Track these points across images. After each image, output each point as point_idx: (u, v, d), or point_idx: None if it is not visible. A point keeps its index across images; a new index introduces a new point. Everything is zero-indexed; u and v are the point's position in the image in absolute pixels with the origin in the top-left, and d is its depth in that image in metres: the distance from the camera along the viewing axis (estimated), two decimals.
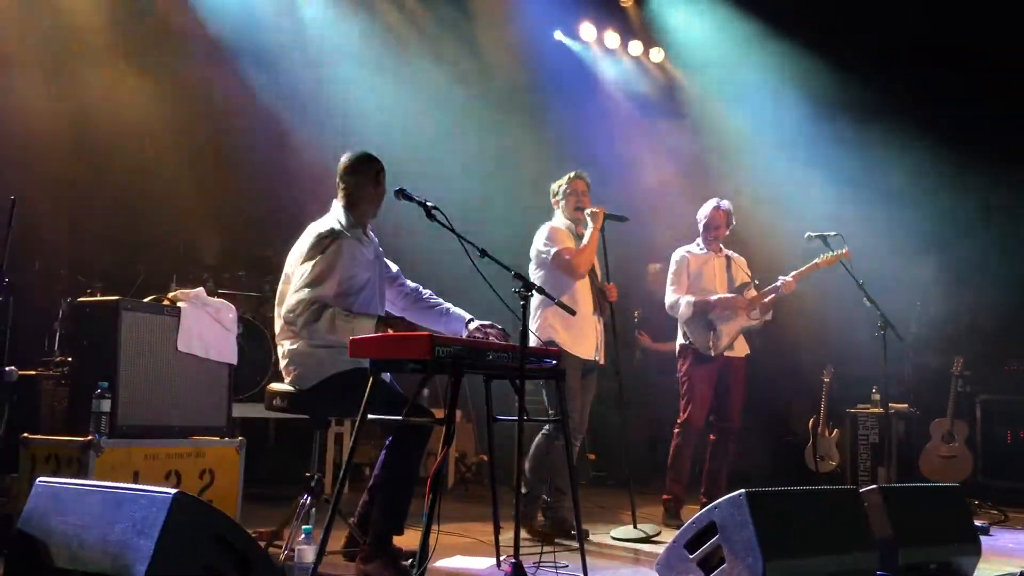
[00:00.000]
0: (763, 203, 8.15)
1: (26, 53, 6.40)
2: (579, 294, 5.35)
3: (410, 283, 4.50)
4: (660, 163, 9.06)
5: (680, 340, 6.12)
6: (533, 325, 5.19)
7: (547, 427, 5.28)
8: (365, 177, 4.23)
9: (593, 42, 9.17)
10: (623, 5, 9.18)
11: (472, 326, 4.22)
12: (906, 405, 7.59)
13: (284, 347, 4.08)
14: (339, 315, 3.88)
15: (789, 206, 7.92)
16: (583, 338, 5.33)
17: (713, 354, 5.96)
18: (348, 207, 4.21)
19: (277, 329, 4.14)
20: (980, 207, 7.84)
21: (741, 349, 6.12)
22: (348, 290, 4.04)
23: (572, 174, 5.59)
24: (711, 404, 6.05)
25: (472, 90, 8.37)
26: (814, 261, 6.04)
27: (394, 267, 4.48)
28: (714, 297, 6.04)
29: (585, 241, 5.40)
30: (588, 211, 5.44)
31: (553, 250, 5.38)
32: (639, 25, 9.24)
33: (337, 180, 4.28)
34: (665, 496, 6.02)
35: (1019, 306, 7.83)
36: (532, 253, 5.50)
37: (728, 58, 8.68)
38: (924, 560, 3.94)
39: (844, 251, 5.92)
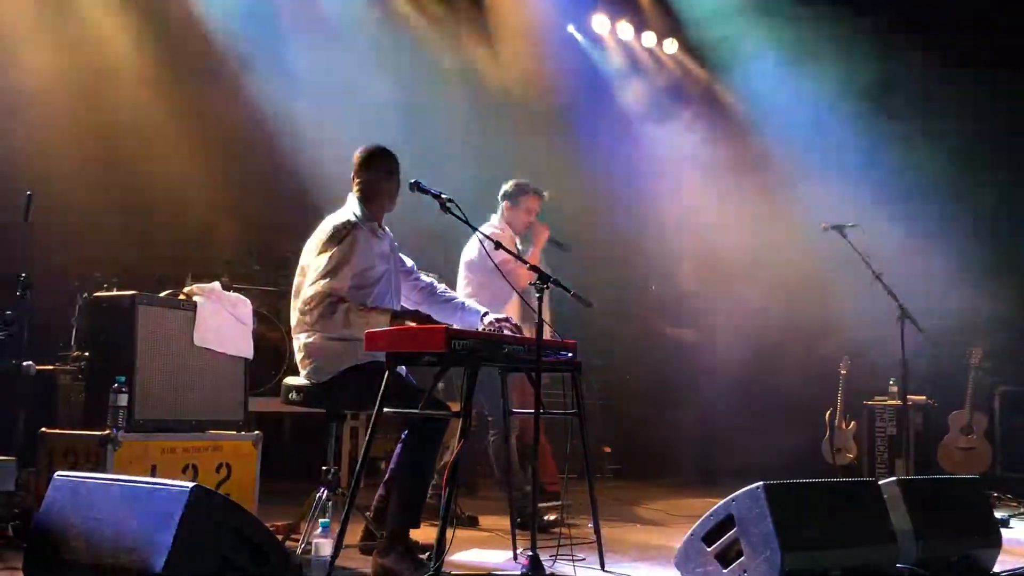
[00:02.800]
0: (778, 193, 8.12)
1: (43, 53, 6.42)
2: (511, 309, 5.26)
3: (425, 277, 4.49)
4: (677, 156, 9.02)
5: None
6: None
7: (492, 429, 5.27)
8: (380, 171, 4.23)
9: (606, 34, 9.13)
10: None
11: (487, 320, 4.21)
12: (924, 397, 7.54)
13: (300, 340, 4.09)
14: (354, 309, 3.87)
15: (806, 196, 7.87)
16: None
17: None
18: (363, 200, 4.21)
19: (293, 322, 4.14)
20: (1000, 196, 7.76)
21: None
22: (363, 283, 4.04)
23: (532, 190, 5.54)
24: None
25: (485, 83, 8.35)
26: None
27: (409, 262, 4.48)
28: None
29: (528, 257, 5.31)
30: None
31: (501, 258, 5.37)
32: (652, 16, 9.19)
33: (352, 174, 4.28)
34: None
35: None
36: (467, 257, 5.42)
37: (743, 46, 8.61)
38: (944, 553, 3.91)
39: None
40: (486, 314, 4.25)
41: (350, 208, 4.20)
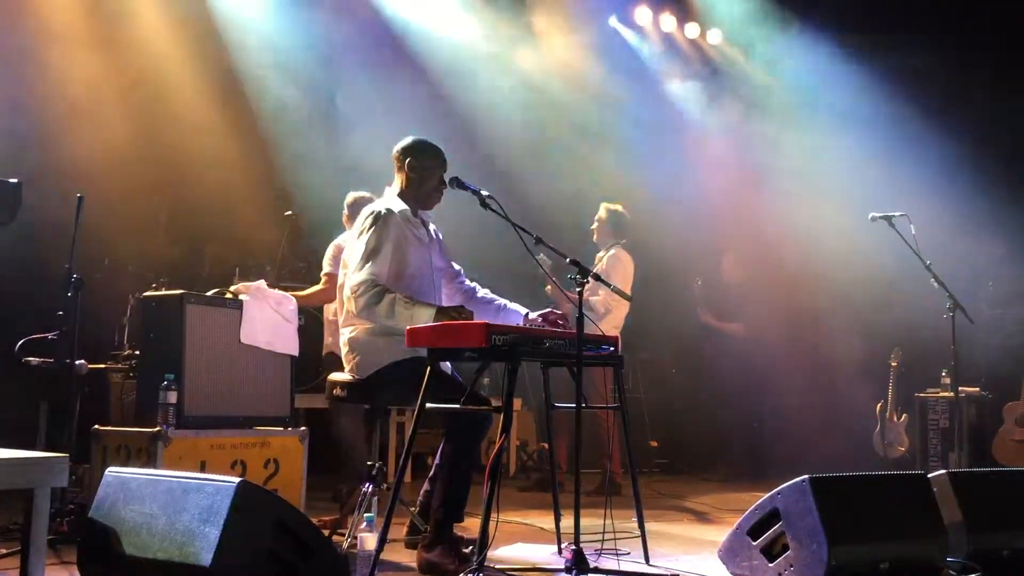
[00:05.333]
0: (823, 182, 8.01)
1: (98, 63, 6.55)
2: None
3: (468, 281, 4.50)
4: (721, 148, 8.94)
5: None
6: None
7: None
8: (420, 166, 4.21)
9: (649, 26, 9.08)
10: None
11: (531, 318, 4.21)
12: (977, 389, 7.39)
13: (344, 335, 4.12)
14: (399, 301, 3.88)
15: (851, 185, 7.76)
16: None
17: None
18: (402, 193, 4.22)
19: (340, 317, 4.18)
20: None
21: None
22: (400, 271, 4.06)
23: None
24: None
25: (530, 77, 8.36)
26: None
27: (456, 265, 4.48)
28: None
29: None
30: None
31: None
32: (695, 6, 9.11)
33: (396, 166, 4.27)
34: None
35: None
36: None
37: (788, 36, 8.51)
38: (996, 547, 3.84)
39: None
40: (528, 314, 4.25)
41: (386, 198, 4.23)
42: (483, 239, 5.87)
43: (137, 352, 5.09)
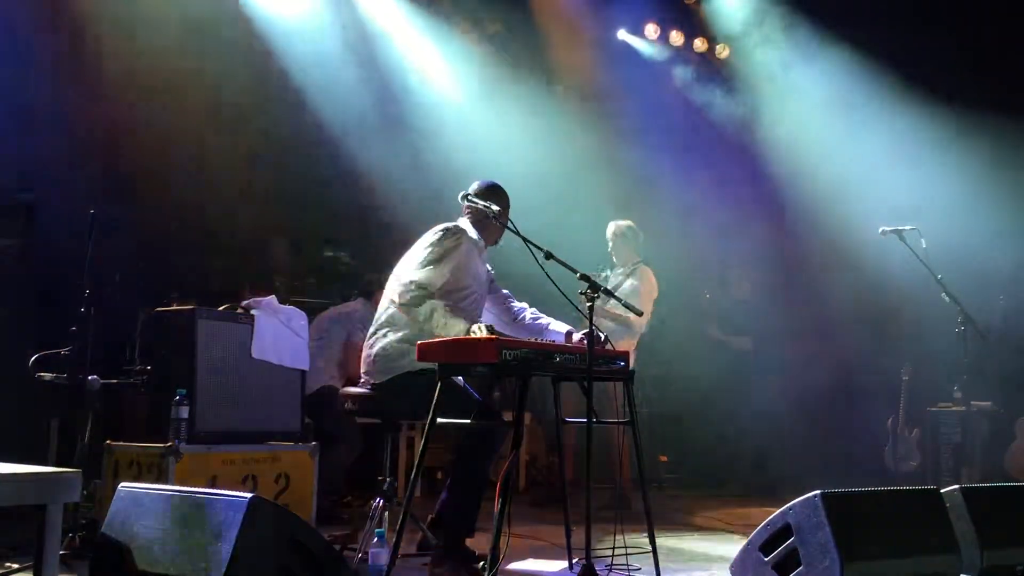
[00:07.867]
0: (836, 194, 7.99)
1: (114, 68, 6.58)
2: None
3: (516, 303, 4.57)
4: (729, 161, 8.94)
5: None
6: None
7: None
8: (496, 207, 4.27)
9: (657, 40, 9.11)
10: (687, 3, 9.08)
11: (575, 338, 4.22)
12: (989, 403, 7.36)
13: (375, 345, 4.15)
14: (440, 309, 3.93)
15: (863, 197, 7.74)
16: None
17: None
18: (474, 225, 4.35)
19: (379, 319, 4.21)
20: None
21: None
22: (456, 287, 4.13)
23: None
24: None
25: (540, 93, 8.38)
26: None
27: (504, 291, 4.57)
28: None
29: None
30: None
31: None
32: (703, 22, 9.13)
33: (466, 202, 4.35)
34: None
35: None
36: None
37: (794, 44, 8.52)
38: (1009, 562, 3.81)
39: None
40: (571, 332, 4.27)
41: (463, 223, 4.32)
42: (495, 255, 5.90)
43: (149, 368, 5.10)
